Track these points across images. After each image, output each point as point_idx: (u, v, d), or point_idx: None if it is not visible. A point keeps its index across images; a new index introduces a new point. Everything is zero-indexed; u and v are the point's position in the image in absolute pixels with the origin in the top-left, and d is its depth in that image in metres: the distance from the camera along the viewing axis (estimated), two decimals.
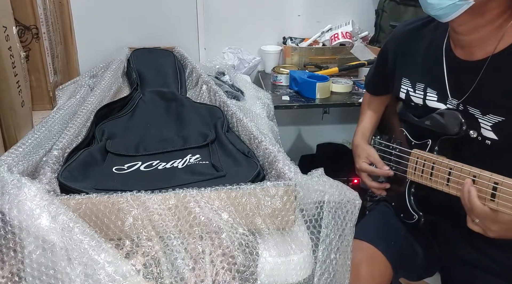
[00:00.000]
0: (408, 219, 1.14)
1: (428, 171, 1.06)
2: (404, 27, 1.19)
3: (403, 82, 1.16)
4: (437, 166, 1.03)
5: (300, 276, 0.78)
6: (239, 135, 1.11)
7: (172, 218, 0.74)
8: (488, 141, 0.98)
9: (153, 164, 0.96)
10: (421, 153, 1.08)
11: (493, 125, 0.96)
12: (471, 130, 0.99)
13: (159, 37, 1.91)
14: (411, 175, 1.11)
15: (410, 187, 1.14)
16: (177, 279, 0.73)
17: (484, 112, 0.98)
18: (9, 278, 0.69)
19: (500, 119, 0.95)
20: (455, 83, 1.05)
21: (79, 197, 0.73)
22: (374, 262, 1.11)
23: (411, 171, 1.11)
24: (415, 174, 1.10)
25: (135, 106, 1.28)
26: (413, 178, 1.11)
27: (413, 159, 1.10)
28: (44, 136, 0.96)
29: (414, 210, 1.13)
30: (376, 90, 1.32)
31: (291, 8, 2.02)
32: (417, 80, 1.13)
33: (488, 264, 1.07)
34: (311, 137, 2.36)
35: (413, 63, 1.13)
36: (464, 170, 0.96)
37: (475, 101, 1.00)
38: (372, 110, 1.34)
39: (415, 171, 1.10)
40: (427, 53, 1.10)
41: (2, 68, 1.11)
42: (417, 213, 1.12)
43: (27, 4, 1.31)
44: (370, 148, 1.26)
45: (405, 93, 1.15)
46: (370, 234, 0.96)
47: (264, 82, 1.89)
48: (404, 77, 1.16)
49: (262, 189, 0.77)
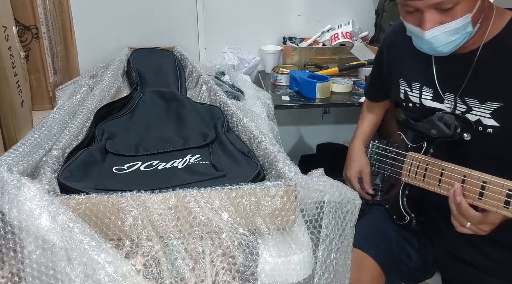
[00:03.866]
0: (400, 220, 1.15)
1: (421, 173, 1.08)
2: (393, 30, 1.20)
3: (401, 83, 1.16)
4: (430, 167, 1.05)
5: (300, 276, 0.78)
6: (239, 135, 1.11)
7: (172, 218, 0.74)
8: (490, 129, 0.98)
9: (153, 164, 0.96)
10: (416, 155, 1.10)
11: (493, 112, 0.97)
12: (465, 133, 1.00)
13: (159, 37, 1.91)
14: (406, 176, 1.13)
15: (404, 189, 1.15)
16: (177, 279, 0.73)
17: (482, 101, 0.99)
18: (9, 278, 0.69)
19: (498, 105, 0.96)
20: (448, 78, 1.05)
21: (79, 197, 0.73)
22: (362, 267, 1.11)
23: (406, 173, 1.12)
24: (409, 175, 1.11)
25: (135, 106, 1.28)
26: (407, 180, 1.12)
27: (408, 161, 1.12)
28: (44, 136, 0.96)
29: (406, 211, 1.14)
30: (375, 97, 1.32)
31: (291, 8, 2.02)
32: (412, 80, 1.13)
33: (487, 263, 1.07)
34: (311, 137, 2.36)
35: (406, 63, 1.14)
36: (456, 170, 0.99)
37: (472, 91, 1.01)
38: (372, 115, 1.34)
39: (409, 172, 1.11)
40: (417, 52, 1.10)
41: (2, 68, 1.11)
42: (409, 215, 1.13)
43: (27, 4, 1.31)
44: (366, 163, 1.28)
45: (404, 93, 1.16)
46: (358, 239, 0.97)
47: (264, 82, 1.89)
48: (400, 78, 1.17)
49: (262, 189, 0.77)
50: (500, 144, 0.98)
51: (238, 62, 1.95)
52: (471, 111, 1.01)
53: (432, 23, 0.90)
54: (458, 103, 1.03)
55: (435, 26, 0.91)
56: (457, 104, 1.04)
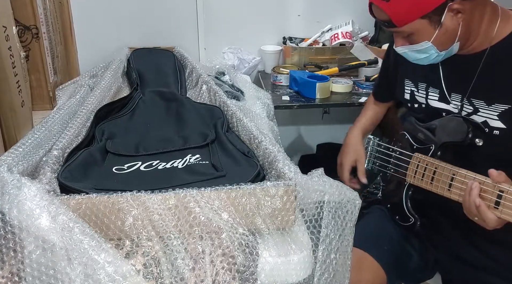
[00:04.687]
0: (404, 222, 1.15)
1: (429, 175, 1.06)
2: None
3: (406, 83, 1.17)
4: (439, 171, 1.03)
5: (300, 276, 0.78)
6: (239, 135, 1.11)
7: (172, 218, 0.74)
8: (496, 131, 0.98)
9: (153, 164, 0.96)
10: (424, 157, 1.08)
11: (500, 114, 0.97)
12: (477, 139, 1.00)
13: (159, 37, 1.91)
14: (411, 178, 1.11)
15: (408, 190, 1.14)
16: (177, 279, 0.73)
17: (489, 103, 0.99)
18: (9, 278, 0.69)
19: (506, 107, 0.96)
20: (454, 79, 1.05)
21: (79, 197, 0.73)
22: (363, 266, 1.11)
23: (411, 174, 1.11)
24: (415, 177, 1.10)
25: (135, 106, 1.28)
26: (413, 181, 1.11)
27: (414, 162, 1.10)
28: (44, 137, 0.96)
29: (410, 213, 1.13)
30: (383, 98, 1.32)
31: (291, 8, 2.01)
32: (418, 80, 1.13)
33: (489, 264, 1.07)
34: (311, 137, 2.36)
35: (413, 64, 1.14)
36: (468, 176, 0.96)
37: (479, 93, 1.01)
38: (375, 110, 1.34)
39: (416, 174, 1.09)
40: None
41: (2, 68, 1.11)
42: (413, 216, 1.12)
43: (27, 4, 1.31)
44: (362, 153, 1.27)
45: (410, 94, 1.16)
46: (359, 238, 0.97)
47: (264, 82, 1.89)
48: (406, 78, 1.17)
49: (262, 189, 0.77)
50: (506, 145, 0.98)
51: (238, 62, 1.95)
52: (478, 113, 1.01)
53: (398, 43, 1.04)
54: (465, 104, 1.03)
55: (401, 45, 1.03)
56: (464, 106, 1.04)
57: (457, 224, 1.11)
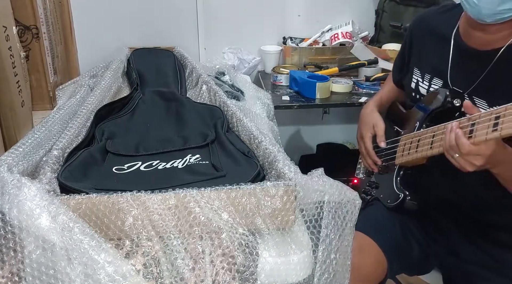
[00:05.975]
0: (394, 201, 1.13)
1: (414, 145, 1.06)
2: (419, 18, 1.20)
3: (415, 72, 1.17)
4: (422, 138, 1.04)
5: (300, 276, 0.78)
6: (239, 135, 1.11)
7: (172, 218, 0.74)
8: None
9: (153, 164, 0.96)
10: (409, 135, 1.10)
11: None
12: (455, 100, 1.00)
13: (159, 37, 1.91)
14: (400, 158, 1.12)
15: (399, 171, 1.15)
16: (177, 279, 0.73)
17: (490, 104, 0.98)
18: (9, 278, 0.69)
19: None
20: (461, 73, 1.04)
21: (79, 197, 0.73)
22: (365, 250, 1.10)
23: (400, 154, 1.12)
24: (403, 155, 1.11)
25: (135, 106, 1.28)
26: (401, 160, 1.11)
27: (401, 144, 1.12)
28: (44, 136, 0.96)
29: (398, 189, 1.12)
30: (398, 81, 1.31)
31: (291, 8, 2.02)
32: (425, 71, 1.14)
33: (488, 262, 1.07)
34: (311, 137, 2.36)
35: (425, 53, 1.14)
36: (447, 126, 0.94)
37: (483, 91, 1.00)
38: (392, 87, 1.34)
39: (403, 152, 1.11)
40: (438, 44, 1.10)
41: (2, 68, 1.11)
42: (402, 192, 1.11)
43: (27, 4, 1.31)
44: (379, 119, 1.26)
45: (415, 83, 1.16)
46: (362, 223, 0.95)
47: (264, 82, 1.89)
48: (415, 67, 1.17)
49: (262, 189, 0.77)
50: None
51: (238, 62, 1.95)
52: None
53: None
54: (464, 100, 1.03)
55: None
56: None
57: (457, 221, 1.11)
